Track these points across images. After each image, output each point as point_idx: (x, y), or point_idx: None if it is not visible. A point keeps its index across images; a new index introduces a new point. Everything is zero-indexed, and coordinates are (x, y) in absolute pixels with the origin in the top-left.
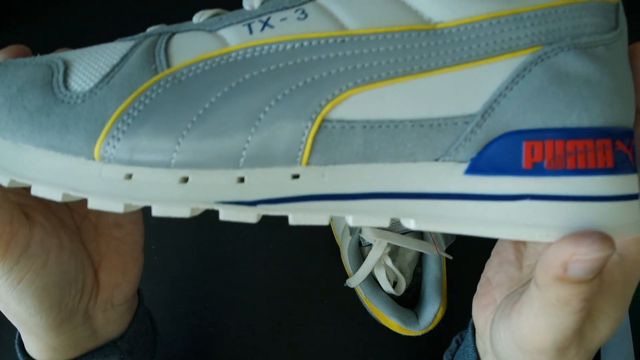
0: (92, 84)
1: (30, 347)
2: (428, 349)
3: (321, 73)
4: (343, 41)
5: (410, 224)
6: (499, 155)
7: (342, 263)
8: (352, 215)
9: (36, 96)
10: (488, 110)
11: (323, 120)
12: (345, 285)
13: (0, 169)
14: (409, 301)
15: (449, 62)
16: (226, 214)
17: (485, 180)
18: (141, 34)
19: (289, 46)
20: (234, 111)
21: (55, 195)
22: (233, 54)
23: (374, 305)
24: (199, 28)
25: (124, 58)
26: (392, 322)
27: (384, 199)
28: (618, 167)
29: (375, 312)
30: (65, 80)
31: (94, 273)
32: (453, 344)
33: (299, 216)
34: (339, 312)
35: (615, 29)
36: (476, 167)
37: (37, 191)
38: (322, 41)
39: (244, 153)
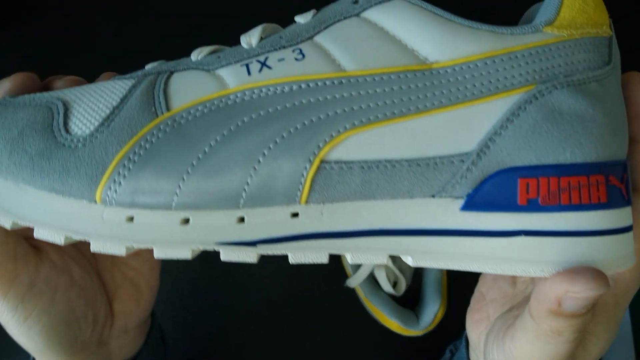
0: (92, 128)
1: None
2: (428, 350)
3: (319, 115)
4: (341, 83)
5: (408, 261)
6: (494, 191)
7: (342, 263)
8: (351, 253)
9: (37, 140)
10: (483, 148)
11: (321, 162)
12: (345, 285)
13: (2, 210)
14: (409, 301)
15: (444, 102)
16: (227, 255)
17: (481, 217)
18: (139, 73)
19: (287, 88)
20: (233, 154)
21: (58, 239)
22: (232, 97)
23: (374, 305)
24: (197, 67)
25: (124, 99)
26: (392, 322)
27: (382, 236)
28: (611, 202)
29: (375, 312)
30: (65, 124)
31: (108, 304)
32: (447, 354)
33: (298, 255)
34: (339, 312)
35: (608, 64)
36: (472, 204)
37: (39, 234)
38: (319, 83)
39: (243, 194)
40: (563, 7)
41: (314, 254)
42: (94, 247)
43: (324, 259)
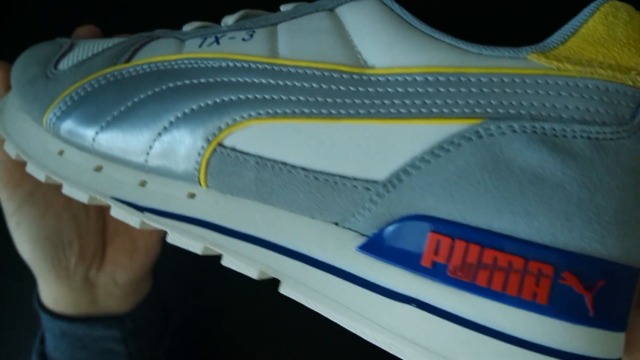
0: (69, 66)
1: (39, 290)
2: None
3: (230, 96)
4: (265, 68)
5: (280, 286)
6: (398, 239)
7: None
8: (225, 255)
9: (35, 68)
10: (393, 180)
11: (218, 145)
12: None
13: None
14: None
15: (362, 113)
16: (115, 212)
17: (375, 265)
18: (144, 34)
19: (216, 64)
20: (145, 115)
21: (12, 153)
22: (173, 62)
23: None
24: (178, 36)
25: (106, 50)
26: None
27: (261, 247)
28: (555, 308)
29: None
30: (59, 60)
31: (100, 244)
32: None
33: (175, 236)
34: None
35: (627, 122)
36: (370, 246)
37: (6, 147)
38: (244, 64)
39: (146, 158)
40: (579, 32)
41: (190, 241)
42: (28, 169)
43: (198, 250)
